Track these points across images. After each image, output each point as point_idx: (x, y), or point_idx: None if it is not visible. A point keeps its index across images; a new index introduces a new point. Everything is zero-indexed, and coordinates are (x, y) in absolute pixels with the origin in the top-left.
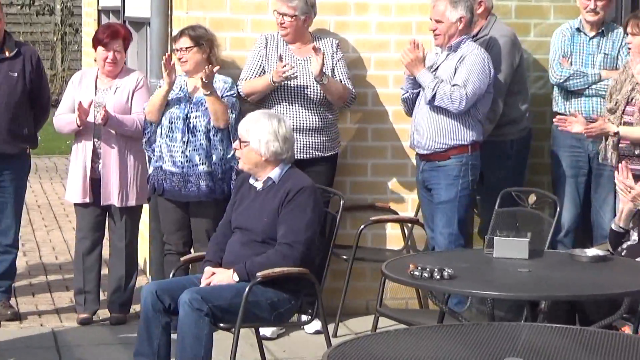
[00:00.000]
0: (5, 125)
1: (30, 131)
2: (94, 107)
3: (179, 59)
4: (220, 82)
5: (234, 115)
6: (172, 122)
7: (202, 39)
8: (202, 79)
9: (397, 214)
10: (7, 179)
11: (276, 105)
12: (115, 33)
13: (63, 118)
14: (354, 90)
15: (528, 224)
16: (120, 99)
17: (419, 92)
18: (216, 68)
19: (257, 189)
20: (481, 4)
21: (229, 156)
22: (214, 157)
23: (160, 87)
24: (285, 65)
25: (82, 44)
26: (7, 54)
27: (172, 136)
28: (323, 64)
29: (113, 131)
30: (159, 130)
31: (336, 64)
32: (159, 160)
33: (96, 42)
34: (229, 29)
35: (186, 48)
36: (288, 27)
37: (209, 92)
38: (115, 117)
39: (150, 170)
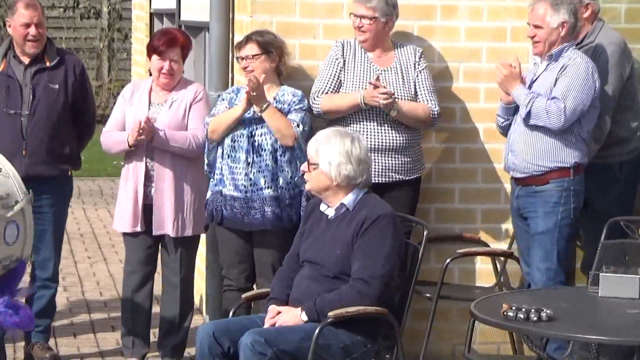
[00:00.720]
0: (45, 144)
1: (72, 151)
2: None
3: (244, 68)
4: (289, 94)
5: (300, 129)
6: (235, 141)
7: (271, 46)
8: (247, 92)
9: (488, 246)
10: (46, 205)
11: (351, 122)
12: (173, 40)
13: (111, 136)
14: (437, 108)
15: (639, 258)
16: (176, 115)
17: None
18: (262, 77)
19: (329, 217)
20: (588, 6)
21: (297, 179)
22: (281, 180)
23: (222, 100)
24: (384, 92)
25: (132, 51)
26: (47, 63)
27: (235, 156)
28: (389, 96)
29: (163, 149)
30: (219, 150)
31: (418, 75)
32: (219, 184)
33: (151, 50)
34: (298, 34)
35: (253, 56)
36: (367, 32)
37: (262, 108)
38: (163, 133)
39: (209, 195)
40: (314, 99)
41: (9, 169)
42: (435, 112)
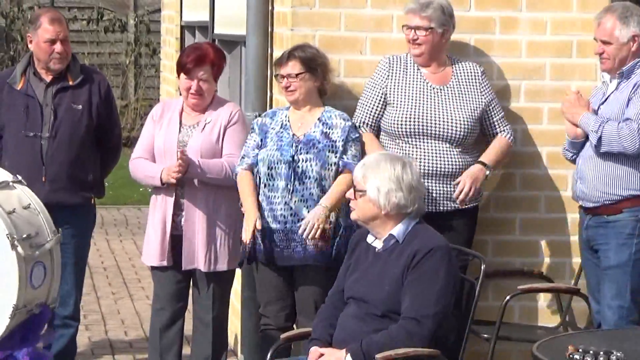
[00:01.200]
0: (66, 170)
1: (95, 177)
2: (177, 145)
3: (286, 88)
4: (337, 117)
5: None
6: (271, 168)
7: (315, 63)
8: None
9: (552, 281)
10: (67, 235)
11: (401, 144)
12: (201, 57)
13: (142, 167)
14: (512, 137)
15: None
16: (210, 138)
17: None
18: (319, 227)
19: (377, 249)
20: None
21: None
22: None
23: (252, 131)
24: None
25: (161, 67)
26: (70, 81)
27: (272, 185)
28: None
29: (196, 179)
30: (255, 178)
31: (491, 102)
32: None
33: (179, 67)
34: (343, 49)
35: (296, 75)
36: (423, 44)
37: (327, 213)
38: (198, 164)
39: None
40: (359, 126)
41: (37, 205)
42: (512, 141)
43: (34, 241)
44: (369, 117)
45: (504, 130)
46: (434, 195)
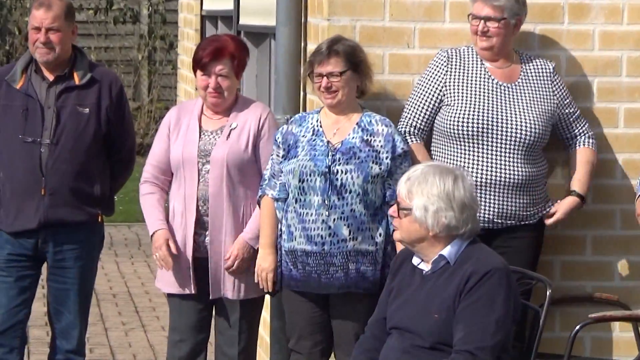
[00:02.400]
0: (69, 182)
1: (104, 191)
2: (197, 156)
3: (326, 89)
4: (379, 124)
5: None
6: (303, 180)
7: (357, 58)
8: None
9: (628, 308)
10: (70, 258)
11: (459, 147)
12: (219, 50)
13: (144, 205)
14: (594, 141)
15: None
16: (237, 147)
17: None
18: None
19: (424, 272)
20: None
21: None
22: (374, 230)
23: (277, 143)
24: None
25: (178, 64)
26: (76, 80)
27: (305, 200)
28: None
29: (226, 194)
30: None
31: (563, 99)
32: (287, 237)
33: (194, 63)
34: (387, 42)
35: (340, 73)
36: (494, 36)
37: None
38: (248, 244)
39: None
40: (403, 130)
41: None
42: (595, 146)
43: None
44: (421, 121)
45: (583, 134)
46: (492, 209)
